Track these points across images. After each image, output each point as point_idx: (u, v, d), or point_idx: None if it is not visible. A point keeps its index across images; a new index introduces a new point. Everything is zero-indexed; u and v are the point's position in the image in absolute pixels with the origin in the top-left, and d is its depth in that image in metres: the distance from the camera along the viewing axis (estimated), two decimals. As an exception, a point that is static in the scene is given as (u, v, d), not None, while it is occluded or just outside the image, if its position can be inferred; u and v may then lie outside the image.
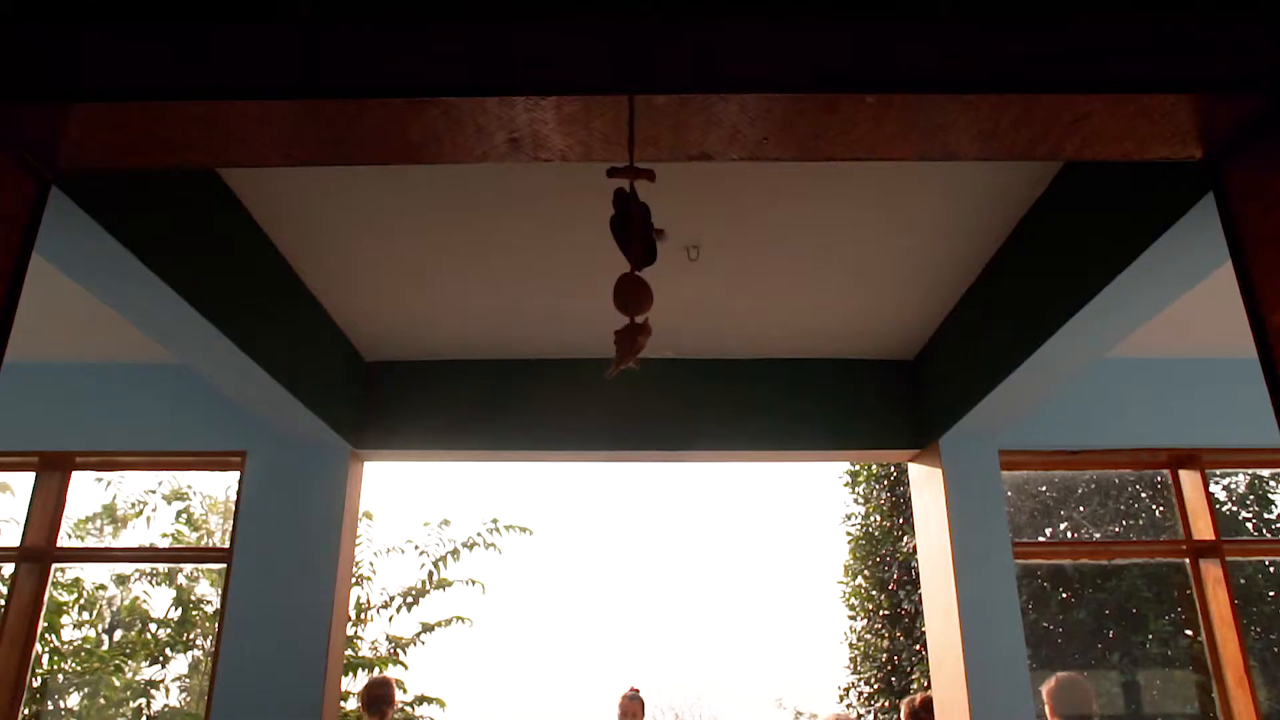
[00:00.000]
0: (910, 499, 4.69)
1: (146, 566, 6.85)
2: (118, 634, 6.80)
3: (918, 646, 9.73)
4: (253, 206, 3.17)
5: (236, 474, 4.38)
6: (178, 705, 6.76)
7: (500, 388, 4.42)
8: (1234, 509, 9.50)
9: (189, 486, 7.09)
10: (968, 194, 3.07)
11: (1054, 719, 4.45)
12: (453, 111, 1.65)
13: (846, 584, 11.19)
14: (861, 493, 11.37)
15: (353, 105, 1.65)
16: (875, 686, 10.37)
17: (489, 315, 4.04)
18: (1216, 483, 9.18)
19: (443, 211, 3.17)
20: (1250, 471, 9.67)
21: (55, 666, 6.39)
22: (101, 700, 6.58)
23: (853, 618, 11.06)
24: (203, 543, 7.07)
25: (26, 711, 5.82)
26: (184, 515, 6.96)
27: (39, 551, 4.44)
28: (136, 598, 6.90)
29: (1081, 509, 9.13)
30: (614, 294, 1.66)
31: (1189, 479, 4.55)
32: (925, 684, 7.20)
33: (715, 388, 4.40)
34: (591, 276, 3.45)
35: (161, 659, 6.86)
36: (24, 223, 1.99)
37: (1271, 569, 9.02)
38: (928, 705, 4.75)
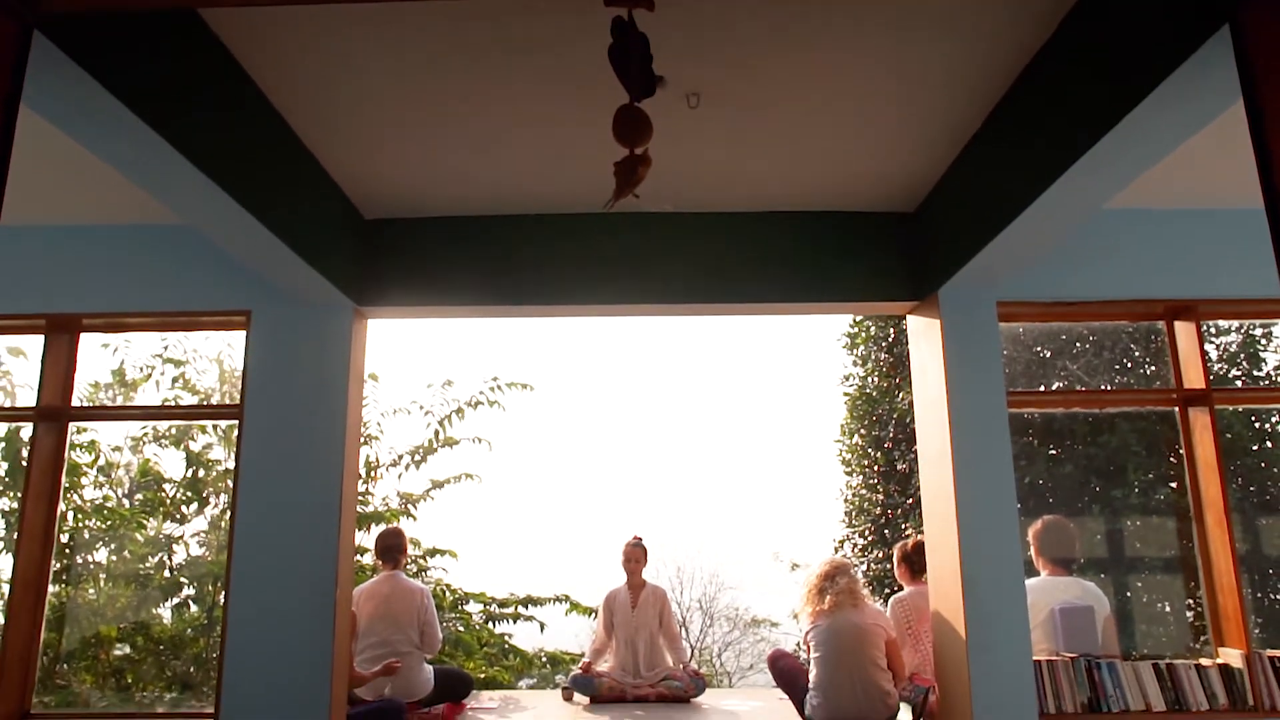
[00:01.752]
0: (908, 359, 4.76)
1: (158, 427, 7.01)
2: (138, 498, 7.03)
3: (910, 501, 10.07)
4: (246, 61, 3.09)
5: (241, 334, 4.44)
6: (199, 557, 7.05)
7: (500, 243, 4.42)
8: (1225, 367, 9.62)
9: (194, 350, 7.17)
10: (972, 41, 2.99)
11: (1039, 559, 4.67)
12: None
13: (843, 442, 11.46)
14: (860, 354, 11.49)
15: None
16: (869, 539, 10.77)
17: (488, 170, 4.00)
18: (1210, 342, 9.28)
19: (440, 65, 3.08)
20: (1243, 329, 9.75)
21: (80, 524, 6.64)
22: (126, 555, 6.86)
23: (849, 474, 11.38)
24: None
25: (57, 565, 6.09)
26: (179, 380, 7.07)
27: (55, 411, 4.55)
28: (148, 459, 7.08)
29: (1075, 364, 9.26)
30: (613, 125, 1.64)
31: (1184, 330, 4.60)
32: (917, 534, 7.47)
33: (715, 241, 4.39)
34: (592, 129, 3.38)
35: (179, 516, 7.12)
36: (10, 64, 1.94)
37: (1256, 424, 9.22)
38: (919, 548, 4.97)
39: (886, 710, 4.45)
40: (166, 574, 6.87)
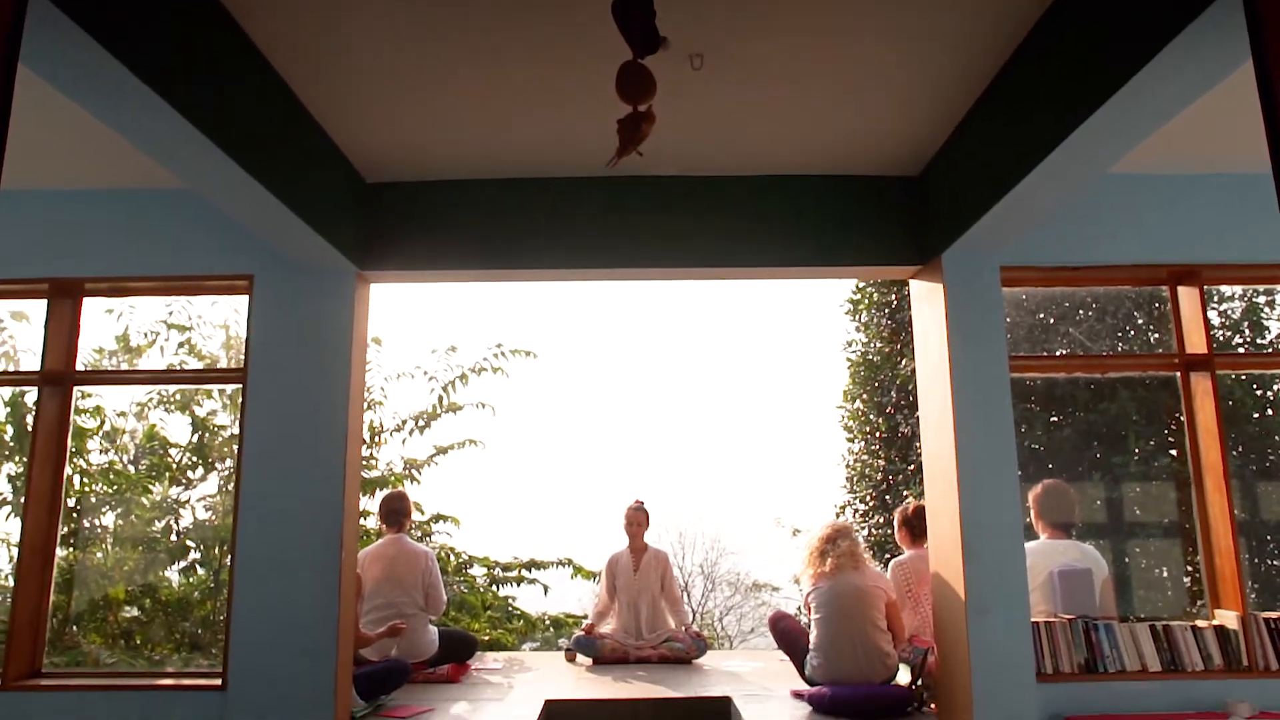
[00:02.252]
0: (910, 325, 4.76)
1: (163, 391, 7.03)
2: (144, 464, 7.07)
3: (911, 467, 10.11)
4: (249, 25, 3.07)
5: (244, 298, 4.44)
6: (205, 521, 7.12)
7: (502, 207, 4.41)
8: (1228, 334, 9.61)
9: (199, 316, 7.18)
10: (977, 3, 2.96)
11: (1039, 522, 4.70)
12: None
13: (845, 408, 11.48)
14: (863, 320, 11.48)
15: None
16: (870, 504, 10.83)
17: (490, 134, 3.98)
18: (1213, 308, 9.26)
19: (442, 27, 3.05)
20: (1246, 296, 9.73)
21: (86, 488, 6.69)
22: (134, 519, 6.92)
23: (850, 440, 11.42)
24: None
25: (65, 529, 6.15)
26: (185, 345, 7.09)
27: (59, 375, 4.57)
28: (153, 425, 7.12)
29: (1077, 330, 9.26)
30: (616, 82, 1.63)
31: (1187, 295, 4.60)
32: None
33: (719, 204, 4.37)
34: (595, 90, 3.36)
35: (185, 481, 7.17)
36: (8, 26, 1.93)
37: (1258, 391, 9.23)
38: (919, 513, 5.01)
39: (886, 671, 4.51)
40: (173, 538, 6.94)
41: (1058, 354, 8.82)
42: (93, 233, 4.47)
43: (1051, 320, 9.42)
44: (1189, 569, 8.19)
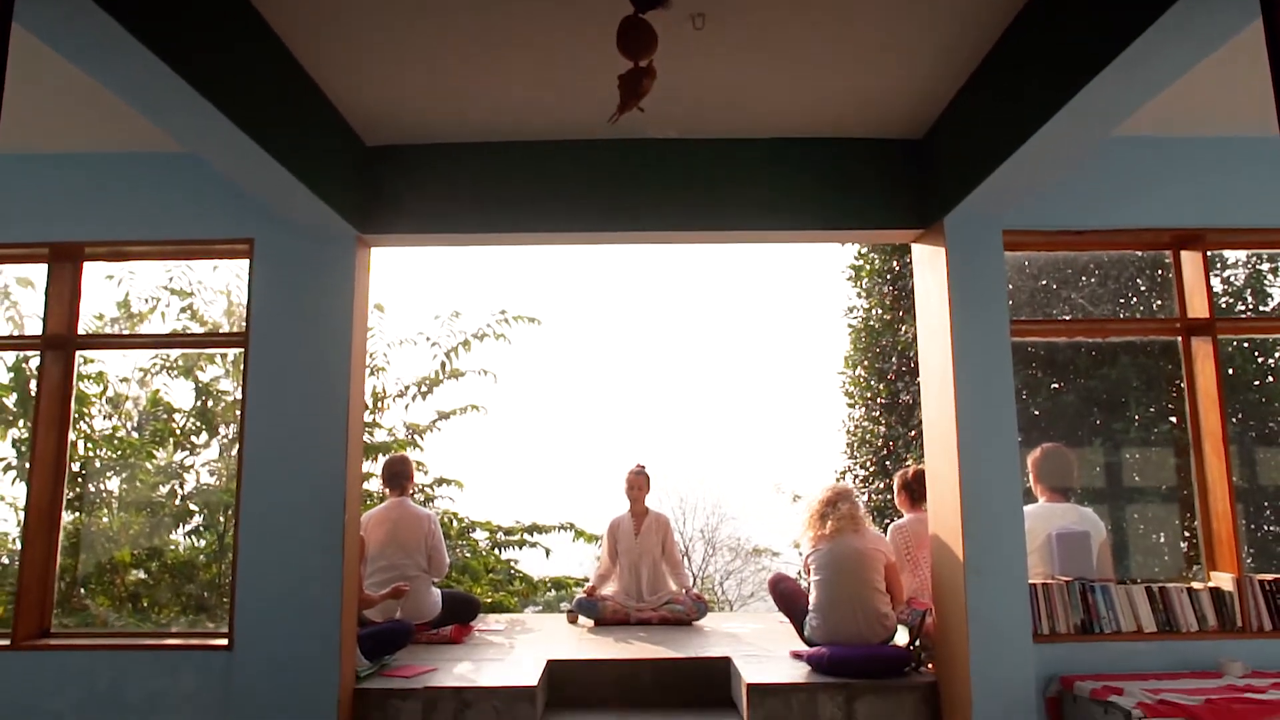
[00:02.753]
0: (912, 292, 4.75)
1: (167, 355, 7.05)
2: (147, 430, 7.11)
3: (912, 434, 10.14)
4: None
5: (245, 263, 4.44)
6: (209, 485, 7.17)
7: (502, 169, 4.39)
8: (1231, 301, 9.60)
9: (200, 282, 7.18)
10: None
11: (1038, 486, 4.73)
12: None
13: (846, 374, 11.50)
14: (865, 287, 11.46)
15: None
16: (870, 470, 10.89)
17: (490, 95, 3.95)
18: (1216, 275, 9.24)
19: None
20: (1250, 264, 9.70)
21: (91, 453, 6.73)
22: (138, 483, 6.97)
23: (851, 406, 11.45)
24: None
25: (70, 494, 6.19)
26: (186, 311, 7.10)
27: (61, 339, 4.58)
28: (156, 390, 7.15)
29: (1079, 294, 9.25)
30: (617, 37, 1.62)
31: (1190, 259, 4.58)
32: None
33: (720, 168, 4.35)
34: (596, 51, 3.32)
35: (189, 446, 7.21)
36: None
37: (1260, 358, 9.24)
38: (919, 477, 5.04)
39: (884, 631, 4.56)
40: (178, 502, 6.99)
41: (1060, 319, 8.79)
42: (92, 196, 4.46)
43: (1054, 286, 9.40)
44: (1186, 535, 8.25)
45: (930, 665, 4.44)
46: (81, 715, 4.10)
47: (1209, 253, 4.56)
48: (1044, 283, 9.36)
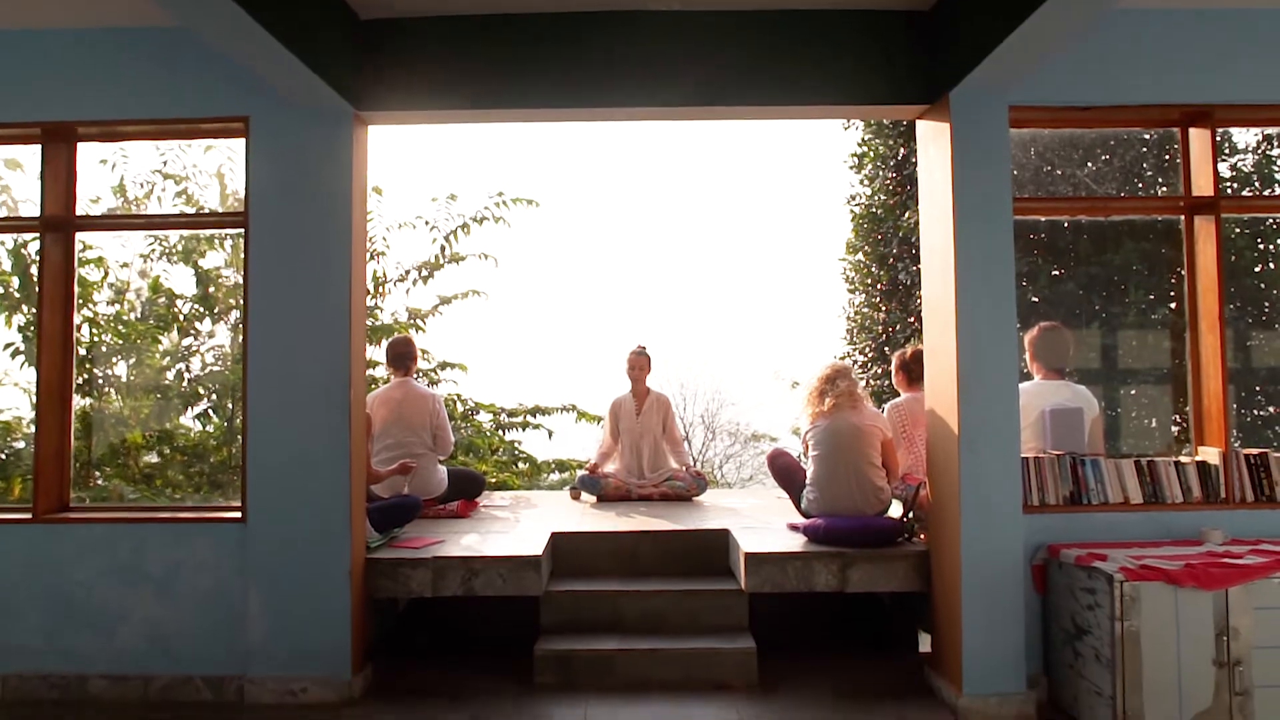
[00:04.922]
0: (915, 178, 4.69)
1: (165, 239, 7.03)
2: (151, 318, 7.15)
3: (911, 319, 10.20)
4: None
5: (241, 142, 4.37)
6: (215, 368, 7.26)
7: (500, 43, 4.27)
8: (1237, 187, 9.51)
9: (193, 165, 7.10)
10: None
11: (1034, 364, 4.79)
12: None
13: (847, 260, 11.48)
14: (867, 173, 11.33)
15: None
16: (870, 356, 10.99)
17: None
18: (1224, 160, 9.13)
19: None
20: (1260, 149, 9.56)
21: (96, 338, 6.79)
22: (145, 368, 7.06)
23: (851, 292, 11.47)
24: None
25: (79, 379, 6.28)
26: (181, 195, 7.04)
27: (60, 220, 4.55)
28: (157, 277, 7.16)
29: (1083, 172, 9.16)
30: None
31: (1198, 137, 4.51)
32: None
33: (723, 42, 4.23)
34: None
35: (193, 332, 7.27)
36: None
37: (1261, 245, 9.22)
38: (917, 357, 5.10)
39: (880, 504, 4.71)
40: (185, 385, 7.09)
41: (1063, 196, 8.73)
42: (83, 74, 4.36)
43: (1060, 172, 9.30)
44: (1177, 417, 8.41)
45: (923, 536, 4.59)
46: (106, 584, 4.27)
47: (1218, 132, 4.48)
48: (1049, 168, 9.26)
